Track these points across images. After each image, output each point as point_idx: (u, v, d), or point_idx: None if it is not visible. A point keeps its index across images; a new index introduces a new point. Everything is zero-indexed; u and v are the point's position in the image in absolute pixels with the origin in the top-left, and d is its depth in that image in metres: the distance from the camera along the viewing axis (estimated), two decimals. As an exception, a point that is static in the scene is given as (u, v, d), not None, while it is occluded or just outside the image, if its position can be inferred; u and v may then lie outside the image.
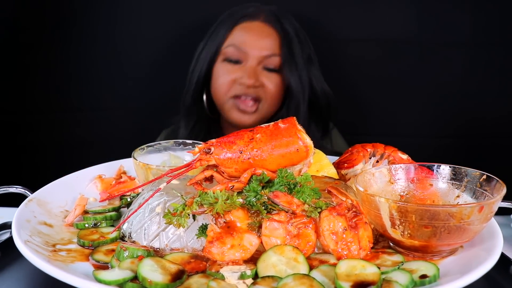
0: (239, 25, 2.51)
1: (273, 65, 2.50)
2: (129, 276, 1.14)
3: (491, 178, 1.32)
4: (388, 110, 2.88)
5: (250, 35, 2.49)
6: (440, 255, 1.26)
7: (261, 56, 2.48)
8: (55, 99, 2.89)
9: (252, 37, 2.49)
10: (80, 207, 1.51)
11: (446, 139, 2.87)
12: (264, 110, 2.54)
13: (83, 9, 2.80)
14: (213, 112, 2.65)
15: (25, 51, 2.80)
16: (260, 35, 2.50)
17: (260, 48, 2.48)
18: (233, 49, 2.49)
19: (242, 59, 2.49)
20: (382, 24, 2.78)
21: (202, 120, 2.64)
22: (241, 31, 2.50)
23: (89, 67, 2.88)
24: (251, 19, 2.52)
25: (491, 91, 2.80)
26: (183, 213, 1.23)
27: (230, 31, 2.50)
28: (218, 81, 2.52)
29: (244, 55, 2.47)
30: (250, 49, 2.47)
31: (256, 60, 2.48)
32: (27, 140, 2.89)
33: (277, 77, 2.51)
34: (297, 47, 2.50)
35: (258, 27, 2.51)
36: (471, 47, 2.75)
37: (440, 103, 2.84)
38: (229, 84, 2.49)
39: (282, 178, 1.31)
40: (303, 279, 1.09)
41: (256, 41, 2.49)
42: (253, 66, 2.47)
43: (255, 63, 2.48)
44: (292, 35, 2.51)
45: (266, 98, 2.51)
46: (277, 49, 2.49)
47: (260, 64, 2.49)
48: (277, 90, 2.52)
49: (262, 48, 2.48)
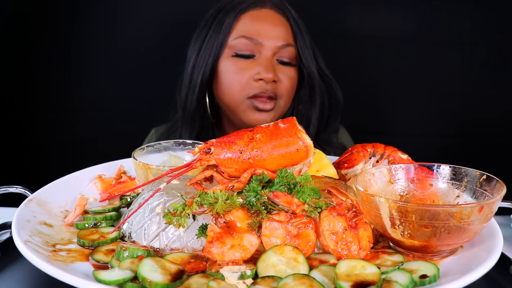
0: (246, 13, 2.24)
1: (287, 57, 2.25)
2: (129, 276, 1.14)
3: (491, 178, 1.32)
4: (388, 110, 2.89)
5: (261, 23, 2.22)
6: (440, 255, 1.26)
7: (276, 46, 2.21)
8: (55, 98, 2.90)
9: (263, 25, 2.22)
10: (80, 207, 1.51)
11: (446, 139, 2.87)
12: (281, 108, 2.30)
13: (84, 8, 2.80)
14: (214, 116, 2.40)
15: (26, 51, 2.80)
16: (272, 23, 2.24)
17: (274, 38, 2.21)
18: (244, 40, 2.20)
19: (255, 52, 2.22)
20: (382, 22, 2.78)
21: (207, 126, 2.37)
22: (250, 20, 2.23)
23: (89, 67, 2.89)
24: (258, 7, 2.25)
25: (492, 91, 2.80)
26: (183, 213, 1.23)
27: (236, 21, 2.22)
28: (229, 79, 2.23)
29: (257, 47, 2.21)
30: (264, 39, 2.20)
31: (271, 52, 2.21)
32: (28, 140, 2.89)
33: (291, 70, 2.28)
34: (307, 36, 2.31)
35: (268, 14, 2.25)
36: (473, 47, 2.76)
37: (441, 103, 2.84)
38: (244, 82, 2.21)
39: (282, 178, 1.31)
40: (303, 279, 1.09)
41: (269, 30, 2.21)
42: (268, 58, 2.21)
43: (270, 55, 2.22)
44: (300, 23, 2.30)
45: (282, 94, 2.26)
46: (291, 39, 2.26)
47: (274, 56, 2.24)
48: (292, 85, 2.29)
49: (276, 37, 2.22)
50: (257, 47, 2.22)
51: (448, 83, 2.81)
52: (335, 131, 2.52)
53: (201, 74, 2.26)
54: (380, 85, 2.86)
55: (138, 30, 2.84)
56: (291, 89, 2.30)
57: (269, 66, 2.20)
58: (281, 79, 2.24)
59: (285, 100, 2.30)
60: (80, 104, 2.92)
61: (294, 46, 2.27)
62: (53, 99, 2.89)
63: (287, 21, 2.28)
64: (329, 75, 2.41)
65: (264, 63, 2.20)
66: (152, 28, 2.84)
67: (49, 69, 2.85)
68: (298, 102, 2.38)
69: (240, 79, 2.22)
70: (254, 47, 2.22)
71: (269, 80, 2.19)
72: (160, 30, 2.84)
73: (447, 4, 2.72)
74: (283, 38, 2.24)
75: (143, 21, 2.84)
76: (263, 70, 2.19)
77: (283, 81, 2.25)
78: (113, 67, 2.88)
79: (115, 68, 2.88)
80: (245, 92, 2.23)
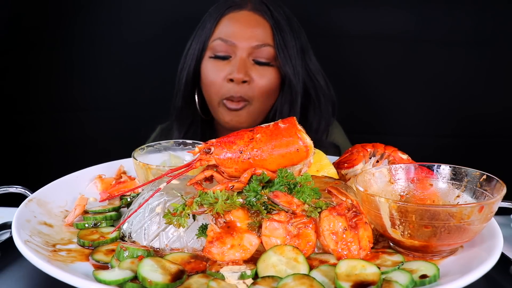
0: (225, 16, 2.31)
1: (264, 57, 2.28)
2: (129, 276, 1.14)
3: (491, 178, 1.32)
4: (388, 110, 2.88)
5: (237, 25, 2.28)
6: (440, 255, 1.26)
7: (250, 47, 2.26)
8: (56, 98, 2.90)
9: (239, 27, 2.28)
10: (80, 207, 1.51)
11: (446, 139, 2.87)
12: (257, 108, 2.34)
13: (86, 8, 2.80)
14: (207, 113, 2.47)
15: (28, 51, 2.80)
16: (248, 24, 2.29)
17: (249, 39, 2.26)
18: (220, 42, 2.27)
19: (231, 53, 2.28)
20: (382, 22, 2.77)
21: (196, 123, 2.48)
22: (227, 22, 2.30)
23: (90, 67, 2.89)
24: (237, 9, 2.31)
25: (492, 90, 2.80)
26: (183, 213, 1.23)
27: (216, 24, 2.30)
28: (208, 80, 2.32)
29: (232, 48, 2.26)
30: (238, 40, 2.26)
31: (246, 52, 2.26)
32: (29, 139, 2.89)
33: (269, 70, 2.30)
34: (290, 36, 2.31)
35: (246, 16, 2.30)
36: (472, 46, 2.75)
37: (440, 103, 2.84)
38: (219, 83, 2.29)
39: (282, 178, 1.31)
40: (303, 279, 1.09)
41: (244, 31, 2.27)
42: (242, 59, 2.26)
43: (244, 55, 2.26)
44: (283, 24, 2.31)
45: (254, 95, 2.30)
46: (269, 39, 2.28)
47: (250, 57, 2.27)
48: (270, 85, 2.31)
49: (251, 38, 2.26)
50: (232, 48, 2.27)
51: (449, 83, 2.81)
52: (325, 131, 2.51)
53: (185, 75, 2.39)
54: (380, 85, 2.86)
55: (139, 30, 2.84)
56: (268, 89, 2.32)
57: (240, 67, 2.25)
58: (255, 80, 2.28)
59: (260, 101, 2.33)
60: (80, 104, 2.92)
61: (273, 46, 2.29)
62: (54, 99, 2.89)
63: (267, 22, 2.31)
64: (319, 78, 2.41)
65: (236, 64, 2.26)
66: (154, 28, 2.84)
67: (50, 69, 2.85)
68: (283, 102, 2.38)
69: (216, 79, 2.30)
70: (229, 48, 2.28)
71: (239, 80, 2.25)
72: (162, 29, 2.84)
73: (445, 4, 2.72)
74: (259, 39, 2.27)
75: (145, 21, 2.84)
76: (235, 70, 2.25)
77: (257, 82, 2.28)
78: (114, 67, 2.88)
79: (116, 68, 2.88)
80: (220, 94, 2.30)
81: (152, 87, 2.92)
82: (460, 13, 2.72)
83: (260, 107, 2.35)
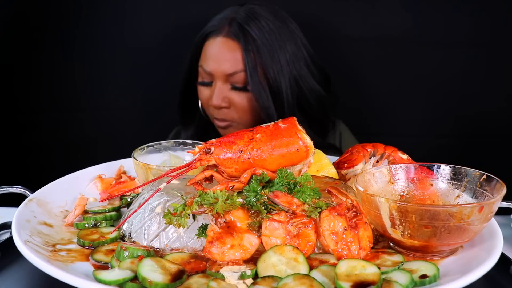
0: (206, 42, 2.36)
1: (240, 83, 2.31)
2: (129, 276, 1.14)
3: (491, 178, 1.32)
4: (388, 110, 2.88)
5: (213, 53, 2.33)
6: (440, 255, 1.26)
7: (225, 74, 2.30)
8: (57, 98, 2.90)
9: (215, 55, 2.32)
10: (80, 207, 1.51)
11: (446, 139, 2.87)
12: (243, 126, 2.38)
13: (87, 8, 2.80)
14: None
15: (29, 51, 2.80)
16: (222, 52, 2.31)
17: (223, 66, 2.30)
18: (201, 70, 2.37)
19: (212, 79, 2.36)
20: (381, 23, 2.77)
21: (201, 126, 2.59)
22: (206, 50, 2.36)
23: (90, 67, 2.88)
24: (215, 35, 2.34)
25: (492, 90, 2.80)
26: (183, 213, 1.23)
27: (201, 50, 2.38)
28: (200, 101, 2.47)
29: (210, 75, 2.34)
30: (214, 69, 2.31)
31: (222, 80, 2.32)
32: (29, 140, 2.89)
33: (248, 94, 2.33)
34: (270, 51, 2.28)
35: (221, 43, 2.32)
36: (471, 46, 2.75)
37: (440, 103, 2.84)
38: (207, 106, 2.43)
39: (282, 178, 1.31)
40: (303, 279, 1.09)
41: (219, 58, 2.31)
42: (220, 87, 2.33)
43: (221, 83, 2.33)
44: (259, 44, 2.27)
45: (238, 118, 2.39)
46: (241, 65, 2.29)
47: (226, 83, 2.33)
48: (251, 107, 2.36)
49: (225, 65, 2.30)
50: (211, 76, 2.36)
51: (448, 83, 2.80)
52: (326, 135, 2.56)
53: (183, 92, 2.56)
54: (379, 85, 2.86)
55: (140, 31, 2.84)
56: (250, 109, 2.37)
57: (217, 94, 2.34)
58: (235, 103, 2.36)
59: (244, 119, 2.40)
60: (81, 104, 2.92)
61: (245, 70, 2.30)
62: (54, 99, 2.89)
63: (241, 46, 2.29)
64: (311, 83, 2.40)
65: (214, 91, 2.35)
66: (156, 28, 2.84)
67: (50, 69, 2.85)
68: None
69: (205, 103, 2.44)
70: (209, 76, 2.36)
71: (217, 107, 2.36)
72: (162, 30, 2.84)
73: (444, 5, 2.72)
74: (231, 66, 2.30)
75: (146, 21, 2.84)
76: (213, 97, 2.35)
77: (237, 105, 2.36)
78: (115, 67, 2.88)
79: (117, 68, 2.88)
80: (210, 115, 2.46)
81: (152, 87, 2.92)
82: (460, 14, 2.72)
83: (246, 124, 2.42)
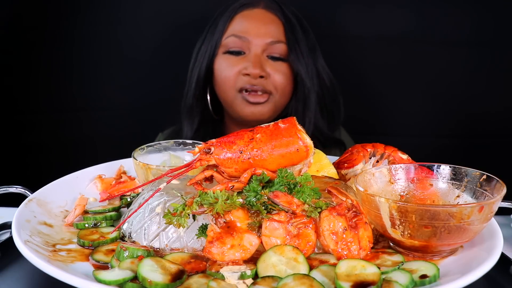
0: (238, 14, 2.37)
1: (278, 53, 2.34)
2: (129, 276, 1.14)
3: (491, 178, 1.32)
4: (388, 110, 2.88)
5: (251, 22, 2.35)
6: (440, 255, 1.26)
7: (265, 43, 2.32)
8: (56, 98, 2.89)
9: (253, 24, 2.34)
10: (80, 207, 1.51)
11: (446, 139, 2.87)
12: (278, 101, 2.38)
13: (86, 8, 2.80)
14: (217, 113, 2.52)
15: (28, 51, 2.80)
16: (262, 21, 2.35)
17: (263, 35, 2.33)
18: (234, 39, 2.34)
19: (245, 49, 2.34)
20: (383, 22, 2.77)
21: (206, 121, 2.51)
22: (241, 20, 2.36)
23: (90, 67, 2.88)
24: (251, 7, 2.38)
25: (492, 90, 2.80)
26: (183, 213, 1.23)
27: (229, 22, 2.36)
28: (222, 75, 2.36)
29: (246, 44, 2.33)
30: (253, 36, 2.32)
31: (260, 48, 2.32)
32: (29, 140, 2.89)
33: (284, 66, 2.35)
34: (301, 34, 2.38)
35: (259, 14, 2.37)
36: (472, 46, 2.75)
37: (441, 103, 2.84)
38: (234, 77, 2.33)
39: (282, 178, 1.31)
40: (303, 279, 1.09)
41: (259, 28, 2.33)
42: (257, 55, 2.32)
43: (259, 52, 2.32)
44: (294, 22, 2.38)
45: (275, 88, 2.35)
46: (282, 36, 2.35)
47: (264, 53, 2.34)
48: (286, 80, 2.37)
49: (265, 35, 2.33)
50: (246, 44, 2.33)
51: (448, 83, 2.81)
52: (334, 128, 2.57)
53: (197, 73, 2.43)
54: (380, 85, 2.86)
55: (140, 30, 2.84)
56: (285, 83, 2.37)
57: (256, 62, 2.30)
58: (271, 74, 2.33)
59: (280, 94, 2.38)
60: (80, 104, 2.92)
61: (286, 43, 2.35)
62: (54, 99, 2.89)
63: (279, 20, 2.38)
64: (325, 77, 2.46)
65: (252, 59, 2.31)
66: (155, 29, 2.84)
67: (50, 69, 2.85)
68: (297, 101, 2.43)
69: (231, 74, 2.34)
70: (243, 44, 2.34)
71: (256, 76, 2.30)
72: (161, 30, 2.84)
73: (445, 4, 2.72)
74: (272, 35, 2.34)
75: (145, 21, 2.84)
76: (251, 65, 2.30)
77: (274, 76, 2.34)
78: (114, 67, 2.88)
79: (116, 68, 2.88)
80: (235, 87, 2.35)
81: (152, 87, 2.92)
82: (461, 14, 2.72)
83: (280, 100, 2.40)
